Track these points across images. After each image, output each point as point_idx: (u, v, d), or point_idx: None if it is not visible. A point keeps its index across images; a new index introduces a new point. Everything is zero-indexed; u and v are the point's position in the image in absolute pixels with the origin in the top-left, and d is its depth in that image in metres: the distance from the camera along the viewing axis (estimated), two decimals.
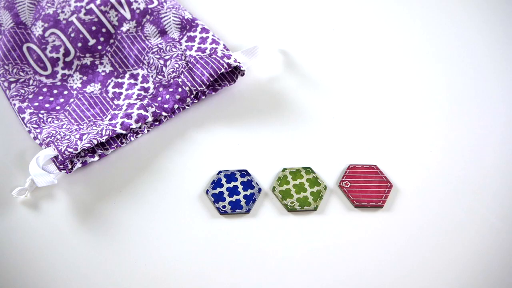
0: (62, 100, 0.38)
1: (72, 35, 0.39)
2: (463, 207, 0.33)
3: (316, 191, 0.34)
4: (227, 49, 0.38)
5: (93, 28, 0.39)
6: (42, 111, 0.37)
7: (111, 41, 0.39)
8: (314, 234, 0.32)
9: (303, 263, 0.31)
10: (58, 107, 0.37)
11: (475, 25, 0.42)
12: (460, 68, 0.40)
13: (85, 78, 0.39)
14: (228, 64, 0.37)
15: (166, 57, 0.38)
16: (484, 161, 0.35)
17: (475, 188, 0.34)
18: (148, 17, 0.40)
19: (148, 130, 0.37)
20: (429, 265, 0.31)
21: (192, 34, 0.39)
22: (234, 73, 0.38)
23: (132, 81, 0.38)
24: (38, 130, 0.35)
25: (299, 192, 0.34)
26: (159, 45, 0.39)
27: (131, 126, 0.35)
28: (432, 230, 0.32)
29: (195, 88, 0.37)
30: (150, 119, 0.36)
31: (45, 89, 0.38)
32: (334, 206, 0.33)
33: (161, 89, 0.37)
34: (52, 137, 0.34)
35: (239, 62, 0.37)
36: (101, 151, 0.35)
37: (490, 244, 0.32)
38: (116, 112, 0.36)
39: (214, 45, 0.38)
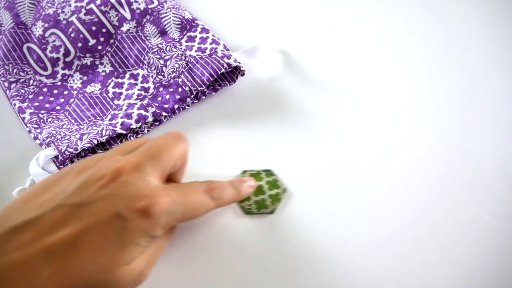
0: (62, 100, 0.38)
1: (72, 35, 0.39)
2: (460, 205, 0.33)
3: (275, 193, 0.33)
4: (227, 49, 0.38)
5: (93, 28, 0.39)
6: (42, 111, 0.37)
7: (111, 41, 0.40)
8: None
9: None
10: (58, 107, 0.37)
11: (475, 26, 0.42)
12: (461, 68, 0.40)
13: (85, 78, 0.39)
14: (228, 64, 0.37)
15: (166, 57, 0.38)
16: (483, 161, 0.35)
17: (475, 188, 0.34)
18: (148, 17, 0.40)
19: (148, 130, 0.37)
20: (427, 265, 0.31)
21: (192, 34, 0.39)
22: (234, 73, 0.38)
23: (132, 81, 0.38)
24: (38, 130, 0.35)
25: (258, 194, 0.33)
26: (159, 45, 0.39)
27: (131, 126, 0.35)
28: (431, 229, 0.32)
29: (195, 88, 0.37)
30: (150, 119, 0.36)
31: (45, 89, 0.38)
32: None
33: (161, 89, 0.37)
34: (52, 137, 0.34)
35: (239, 62, 0.37)
36: (101, 151, 0.35)
37: (488, 244, 0.32)
38: (116, 112, 0.36)
39: (214, 45, 0.38)
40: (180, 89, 0.37)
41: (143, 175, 0.26)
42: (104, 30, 0.39)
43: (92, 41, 0.39)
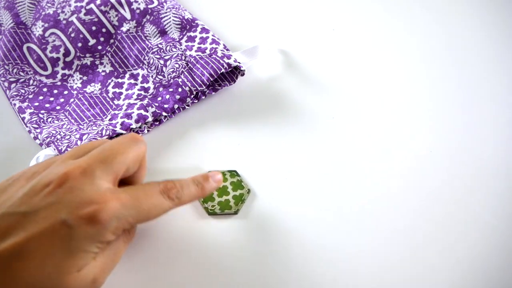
0: (62, 100, 0.38)
1: (72, 35, 0.39)
2: (460, 205, 0.33)
3: (239, 194, 0.33)
4: (227, 49, 0.38)
5: (93, 28, 0.39)
6: (42, 111, 0.37)
7: (111, 41, 0.40)
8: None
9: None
10: (58, 107, 0.37)
11: (475, 26, 0.42)
12: (461, 68, 0.40)
13: (85, 78, 0.39)
14: (228, 64, 0.37)
15: (166, 57, 0.38)
16: (483, 161, 0.35)
17: (475, 188, 0.34)
18: (148, 17, 0.40)
19: (148, 130, 0.37)
20: (426, 265, 0.31)
21: (192, 34, 0.39)
22: (234, 73, 0.38)
23: (132, 81, 0.38)
24: (38, 130, 0.35)
25: (221, 195, 0.33)
26: (159, 45, 0.39)
27: (131, 126, 0.35)
28: (431, 230, 0.32)
29: (195, 88, 0.37)
30: (150, 119, 0.36)
31: (45, 89, 0.38)
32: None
33: (161, 89, 0.37)
34: (52, 137, 0.34)
35: (239, 62, 0.37)
36: None
37: (488, 244, 0.32)
38: (116, 112, 0.36)
39: (214, 45, 0.38)
40: (180, 89, 0.37)
41: (92, 180, 0.26)
42: (104, 30, 0.39)
43: (92, 41, 0.39)
